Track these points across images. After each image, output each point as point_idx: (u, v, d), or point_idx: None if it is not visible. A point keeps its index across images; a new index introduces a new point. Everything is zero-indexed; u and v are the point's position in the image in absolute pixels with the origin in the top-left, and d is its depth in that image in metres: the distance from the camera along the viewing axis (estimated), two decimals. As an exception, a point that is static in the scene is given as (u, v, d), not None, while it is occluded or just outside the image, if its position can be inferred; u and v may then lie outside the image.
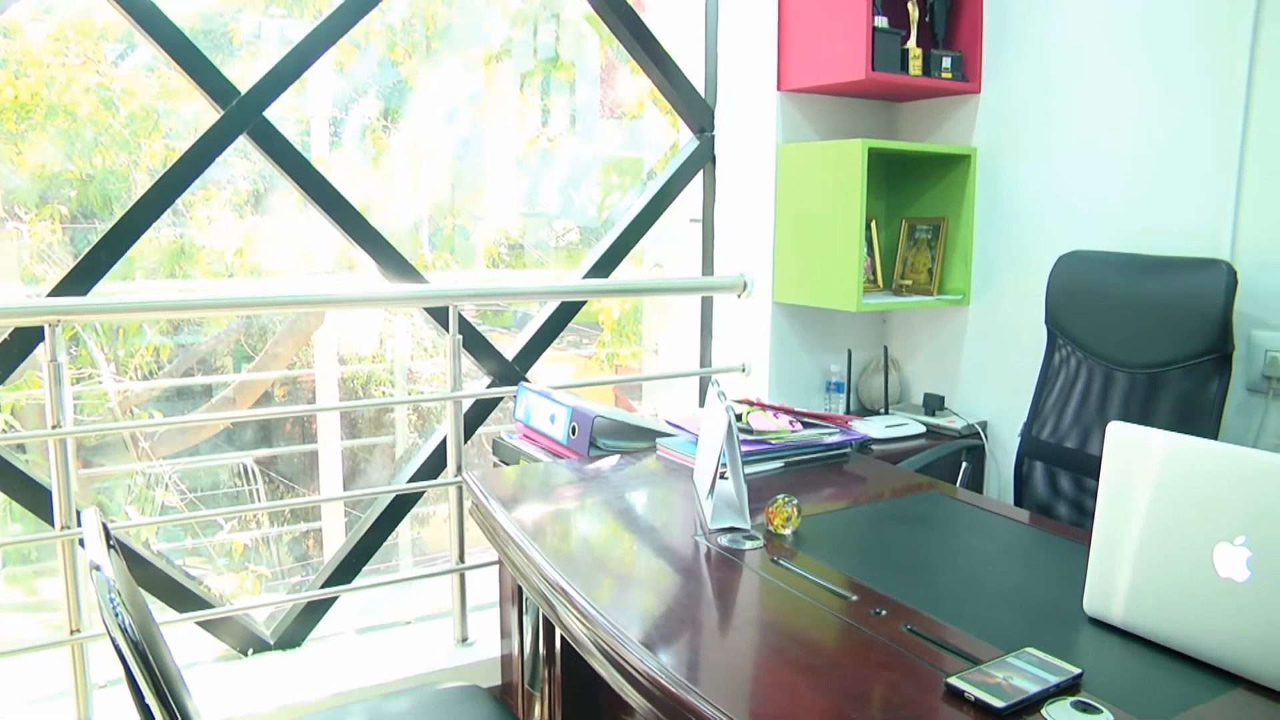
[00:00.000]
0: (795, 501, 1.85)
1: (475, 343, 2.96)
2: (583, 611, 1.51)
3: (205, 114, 2.61)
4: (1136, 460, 1.42)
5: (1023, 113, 2.97)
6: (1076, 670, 1.27)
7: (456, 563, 2.82)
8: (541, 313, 3.16)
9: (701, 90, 3.37)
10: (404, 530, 3.77)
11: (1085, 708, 1.20)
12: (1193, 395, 2.26)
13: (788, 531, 1.83)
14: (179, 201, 2.61)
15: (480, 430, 3.06)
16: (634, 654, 1.36)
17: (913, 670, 1.31)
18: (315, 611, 2.83)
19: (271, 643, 2.77)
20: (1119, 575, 1.43)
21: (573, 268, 3.49)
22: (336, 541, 4.02)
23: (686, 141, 3.42)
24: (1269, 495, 1.27)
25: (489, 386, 3.02)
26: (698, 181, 3.42)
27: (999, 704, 1.18)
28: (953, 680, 1.24)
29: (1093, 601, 1.47)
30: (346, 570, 2.86)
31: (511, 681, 2.62)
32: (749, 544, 1.77)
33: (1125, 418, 2.28)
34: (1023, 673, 1.26)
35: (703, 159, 3.39)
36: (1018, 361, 2.93)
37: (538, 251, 4.35)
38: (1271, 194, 2.40)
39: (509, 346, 3.08)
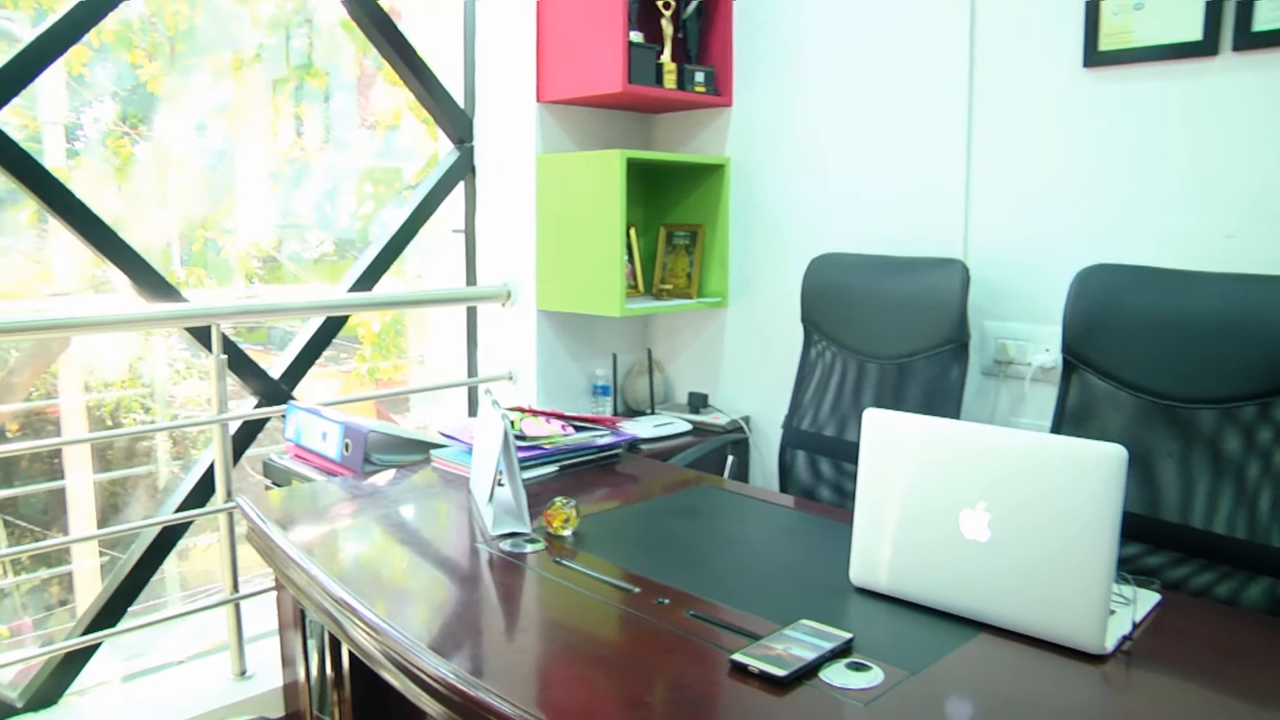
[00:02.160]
0: (573, 503, 1.88)
1: (239, 362, 2.83)
2: (370, 624, 1.49)
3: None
4: (890, 441, 1.55)
5: (772, 125, 3.14)
6: (848, 635, 1.37)
7: (231, 593, 2.69)
8: (306, 329, 3.06)
9: (461, 101, 3.36)
10: (168, 566, 3.55)
11: (857, 667, 1.30)
12: (936, 381, 2.45)
13: (567, 532, 1.86)
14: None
15: (247, 453, 2.93)
16: (426, 661, 1.35)
17: (698, 652, 1.37)
18: (73, 664, 2.61)
19: (19, 705, 2.53)
20: (879, 546, 1.55)
21: (330, 280, 3.40)
22: (91, 586, 3.73)
23: (446, 152, 3.41)
24: (1003, 464, 1.43)
25: (256, 407, 2.90)
26: (459, 192, 3.42)
27: (780, 673, 1.26)
28: (736, 656, 1.31)
29: (858, 572, 1.59)
30: (109, 615, 2.66)
31: (298, 710, 2.53)
32: (530, 547, 1.80)
33: (878, 405, 2.45)
34: (800, 642, 1.35)
35: (463, 170, 3.39)
36: (776, 358, 3.09)
37: (294, 265, 4.21)
38: (992, 201, 2.65)
39: (272, 365, 2.97)
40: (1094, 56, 2.42)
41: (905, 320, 2.51)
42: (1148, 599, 1.55)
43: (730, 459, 2.93)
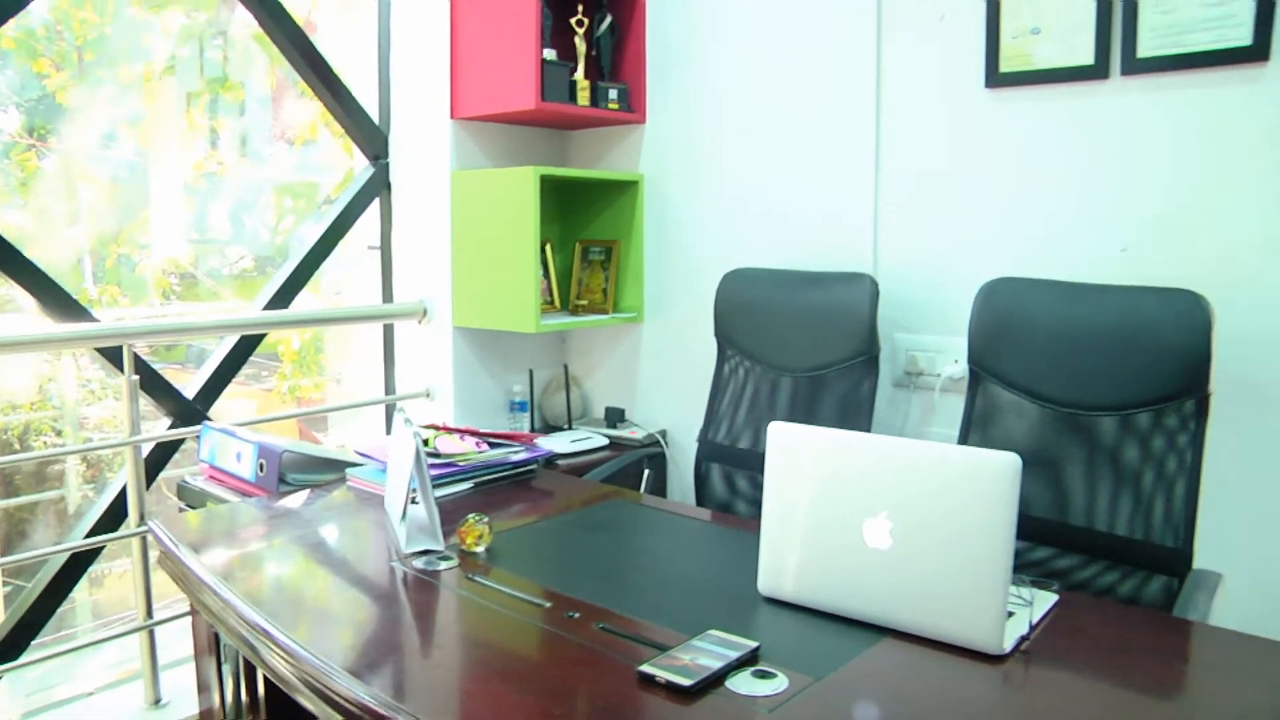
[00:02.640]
0: (486, 519, 1.89)
1: (152, 382, 2.78)
2: (285, 649, 1.47)
3: None
4: (794, 454, 1.58)
5: (685, 142, 3.18)
6: (754, 644, 1.40)
7: (144, 619, 2.63)
8: (221, 347, 3.01)
9: (375, 117, 3.35)
10: (79, 595, 3.42)
11: (763, 675, 1.33)
12: (849, 393, 2.50)
13: (481, 549, 1.87)
14: None
15: (162, 475, 2.86)
16: (341, 684, 1.35)
17: (608, 664, 1.39)
18: (-34, 703, 2.53)
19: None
20: (786, 557, 1.58)
21: (248, 297, 3.35)
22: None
23: (362, 168, 3.39)
24: (904, 475, 1.47)
25: (170, 428, 2.84)
26: (375, 208, 3.40)
27: (687, 682, 1.28)
28: (643, 667, 1.32)
29: (765, 582, 1.61)
30: (11, 647, 2.57)
31: (211, 736, 2.49)
32: (444, 564, 1.80)
33: (792, 417, 2.49)
34: (707, 652, 1.37)
35: (378, 186, 3.37)
36: (691, 372, 3.12)
37: (211, 281, 4.13)
38: (901, 216, 2.72)
39: (187, 384, 2.92)
40: (995, 78, 2.50)
41: (817, 334, 2.55)
42: (1045, 600, 1.60)
43: (647, 473, 2.96)
